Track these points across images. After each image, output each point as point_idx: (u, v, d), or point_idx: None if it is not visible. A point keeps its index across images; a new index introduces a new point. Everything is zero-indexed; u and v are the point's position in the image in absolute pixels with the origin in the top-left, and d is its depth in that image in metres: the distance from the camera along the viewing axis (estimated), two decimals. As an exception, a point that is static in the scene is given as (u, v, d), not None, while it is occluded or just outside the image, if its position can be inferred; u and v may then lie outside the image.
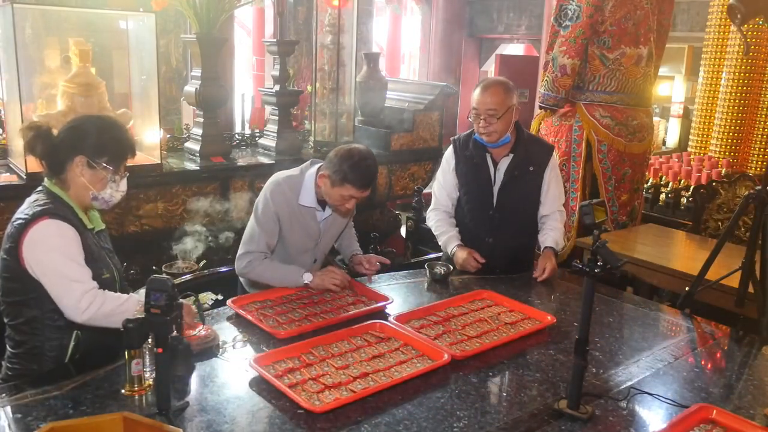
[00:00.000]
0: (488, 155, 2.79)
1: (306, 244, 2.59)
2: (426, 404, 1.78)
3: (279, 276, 2.48)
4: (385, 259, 2.69)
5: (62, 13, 4.54)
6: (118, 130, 2.04)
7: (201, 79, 4.51)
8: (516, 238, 2.88)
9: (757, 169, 5.86)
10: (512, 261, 2.87)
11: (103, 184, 2.00)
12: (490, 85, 2.69)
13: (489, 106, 2.64)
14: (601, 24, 4.09)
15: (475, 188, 2.83)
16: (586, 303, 1.72)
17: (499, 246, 2.84)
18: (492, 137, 2.69)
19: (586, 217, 1.74)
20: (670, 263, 3.38)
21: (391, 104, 5.83)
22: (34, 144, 1.97)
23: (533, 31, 9.73)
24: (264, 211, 2.50)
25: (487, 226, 2.83)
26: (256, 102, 6.43)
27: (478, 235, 2.86)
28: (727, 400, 1.89)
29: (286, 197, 2.50)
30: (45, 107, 4.13)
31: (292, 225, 2.53)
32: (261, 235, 2.48)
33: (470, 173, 2.83)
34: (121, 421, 1.44)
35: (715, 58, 6.25)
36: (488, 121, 2.65)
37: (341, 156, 2.35)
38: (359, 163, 2.33)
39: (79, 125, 2.01)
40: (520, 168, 2.78)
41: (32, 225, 1.86)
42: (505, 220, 2.81)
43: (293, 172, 2.55)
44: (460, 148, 2.87)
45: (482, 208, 2.83)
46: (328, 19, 5.26)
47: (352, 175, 2.32)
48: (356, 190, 2.35)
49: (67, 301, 1.85)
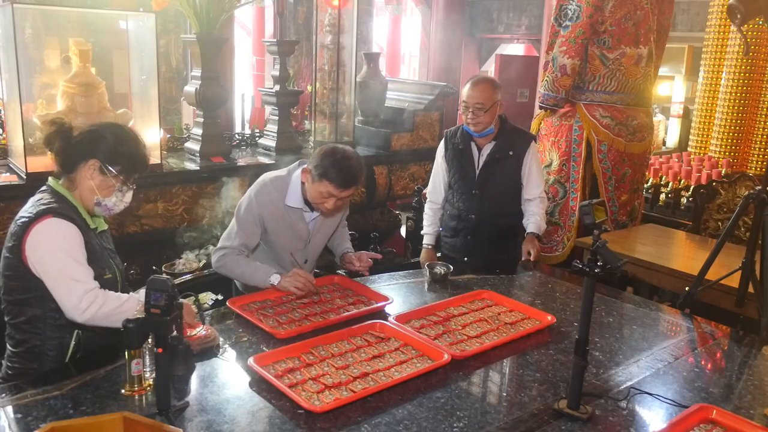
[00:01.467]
0: (473, 143, 3.10)
1: (295, 244, 2.57)
2: (426, 404, 1.78)
3: (248, 273, 2.46)
4: (376, 255, 2.71)
5: (62, 13, 4.54)
6: (135, 144, 2.06)
7: (201, 79, 4.51)
8: (498, 216, 3.11)
9: (757, 169, 5.86)
10: (497, 237, 3.12)
11: (110, 191, 2.01)
12: (479, 81, 2.98)
13: (477, 100, 2.93)
14: (601, 24, 4.10)
15: (461, 170, 3.14)
16: (586, 303, 1.72)
17: (483, 222, 3.10)
18: (478, 127, 2.99)
19: (586, 217, 1.74)
20: (670, 263, 3.38)
21: (391, 104, 5.83)
22: (53, 139, 1.98)
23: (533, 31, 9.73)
24: (246, 211, 2.48)
25: (471, 203, 3.12)
26: (256, 102, 6.44)
27: (463, 212, 3.15)
28: (727, 400, 1.89)
29: (272, 198, 2.48)
30: (45, 107, 4.13)
31: (280, 226, 2.52)
32: (239, 233, 2.47)
33: (456, 158, 3.15)
34: (121, 421, 1.44)
35: (715, 58, 6.25)
36: (476, 113, 2.94)
37: (324, 152, 2.35)
38: (341, 161, 2.32)
39: (100, 130, 2.03)
40: (501, 152, 3.06)
41: (36, 223, 1.87)
42: (487, 199, 3.09)
43: (280, 173, 2.54)
44: (450, 138, 3.20)
45: (467, 188, 3.13)
46: (328, 19, 5.26)
47: (331, 172, 2.30)
48: (334, 188, 2.32)
49: (68, 300, 1.86)
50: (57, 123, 2.00)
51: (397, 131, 5.50)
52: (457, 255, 3.19)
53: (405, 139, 5.52)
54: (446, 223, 3.25)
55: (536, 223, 3.07)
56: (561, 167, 4.30)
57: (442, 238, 3.31)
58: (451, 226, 3.21)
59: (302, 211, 2.53)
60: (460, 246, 3.18)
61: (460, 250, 3.18)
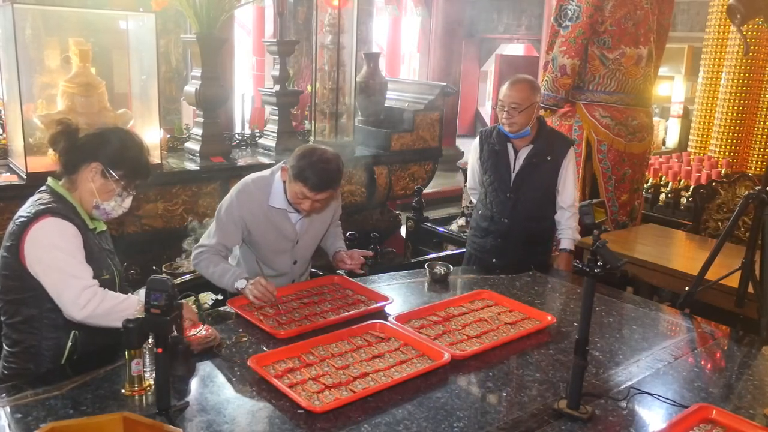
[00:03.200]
0: (510, 144, 3.03)
1: (282, 245, 2.53)
2: (426, 404, 1.78)
3: (217, 275, 2.40)
4: (368, 252, 2.68)
5: (62, 13, 4.54)
6: (140, 151, 2.06)
7: (201, 79, 4.51)
8: (530, 221, 3.06)
9: (757, 169, 5.86)
10: (528, 242, 3.07)
11: (110, 195, 2.01)
12: (517, 81, 2.91)
13: (513, 100, 2.87)
14: (601, 24, 4.10)
15: (495, 172, 3.07)
16: (586, 303, 1.72)
17: (514, 227, 3.05)
18: (513, 128, 2.92)
19: (586, 217, 1.74)
20: (670, 263, 3.38)
21: (391, 104, 5.83)
22: (59, 139, 1.99)
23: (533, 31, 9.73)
24: (227, 212, 2.44)
25: (504, 207, 3.06)
26: (256, 102, 6.44)
27: (495, 216, 3.10)
28: (727, 400, 1.89)
29: (254, 198, 2.43)
30: (45, 107, 4.13)
31: (264, 227, 2.47)
32: (217, 233, 2.44)
33: (491, 159, 3.08)
34: (121, 421, 1.44)
35: (715, 58, 6.25)
36: (511, 113, 2.88)
37: (302, 152, 2.28)
38: (317, 163, 2.23)
39: (106, 134, 2.04)
40: (539, 156, 2.99)
41: (34, 223, 1.87)
42: (521, 204, 3.03)
43: (263, 174, 2.49)
44: (485, 138, 3.13)
45: (501, 190, 3.06)
46: (328, 19, 5.26)
47: (306, 173, 2.23)
48: (308, 190, 2.25)
49: (66, 297, 1.85)
50: (64, 123, 2.01)
51: (397, 131, 5.50)
52: (486, 256, 3.14)
53: (405, 139, 5.52)
54: (477, 223, 3.20)
55: (570, 238, 3.05)
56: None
57: (471, 237, 3.26)
58: (482, 226, 3.15)
59: (287, 212, 2.47)
60: (490, 247, 3.12)
61: (489, 252, 3.13)
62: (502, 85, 2.96)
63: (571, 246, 3.06)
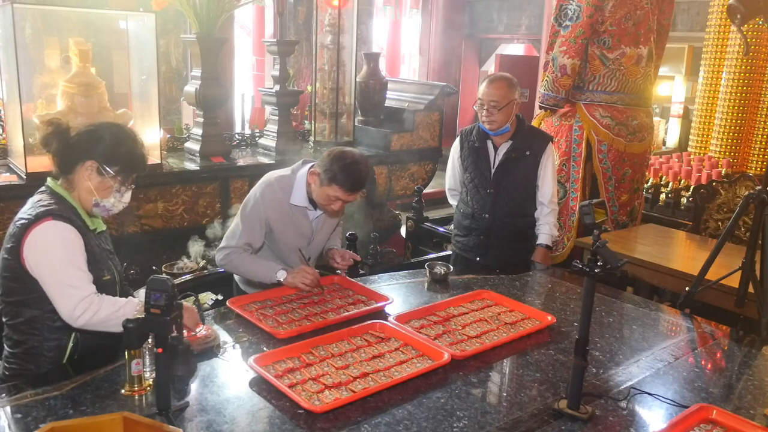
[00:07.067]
0: (489, 141, 3.08)
1: (299, 242, 2.59)
2: (426, 404, 1.77)
3: (254, 270, 2.49)
4: (356, 256, 2.73)
5: (62, 13, 4.55)
6: (133, 144, 2.05)
7: (201, 79, 4.51)
8: (511, 216, 3.09)
9: (757, 169, 5.86)
10: (510, 238, 3.11)
11: (108, 192, 2.00)
12: (495, 79, 2.96)
13: (492, 97, 2.91)
14: (601, 24, 4.09)
15: (475, 169, 3.11)
16: (586, 303, 1.72)
17: (495, 222, 3.09)
18: (493, 125, 2.97)
19: (586, 217, 1.74)
20: (670, 263, 3.37)
21: (391, 104, 5.82)
22: (51, 140, 1.97)
23: (533, 31, 9.72)
24: (252, 210, 2.50)
25: (485, 203, 3.10)
26: (256, 102, 6.44)
27: (476, 212, 3.13)
28: (727, 400, 1.89)
29: (277, 197, 2.50)
30: (45, 107, 4.13)
31: (285, 225, 2.54)
32: (243, 233, 2.49)
33: (471, 156, 3.13)
34: (121, 421, 1.44)
35: (715, 58, 6.25)
36: (490, 111, 2.92)
37: (334, 156, 2.36)
38: (350, 165, 2.33)
39: (97, 130, 2.02)
40: (517, 152, 3.04)
41: (35, 226, 1.86)
42: (501, 199, 3.07)
43: (284, 172, 2.56)
44: (465, 136, 3.18)
45: (481, 187, 3.10)
46: (328, 19, 5.26)
47: (340, 177, 2.32)
48: (343, 192, 2.35)
49: (63, 306, 1.86)
50: (54, 123, 1.98)
51: (397, 131, 5.50)
52: (470, 255, 3.18)
53: (405, 139, 5.52)
54: (459, 222, 3.23)
55: (547, 234, 3.08)
56: (561, 167, 4.29)
57: (455, 237, 3.29)
58: (464, 225, 3.18)
59: (306, 210, 2.54)
60: (473, 245, 3.15)
61: (472, 250, 3.16)
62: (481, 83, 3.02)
63: (548, 241, 3.10)
